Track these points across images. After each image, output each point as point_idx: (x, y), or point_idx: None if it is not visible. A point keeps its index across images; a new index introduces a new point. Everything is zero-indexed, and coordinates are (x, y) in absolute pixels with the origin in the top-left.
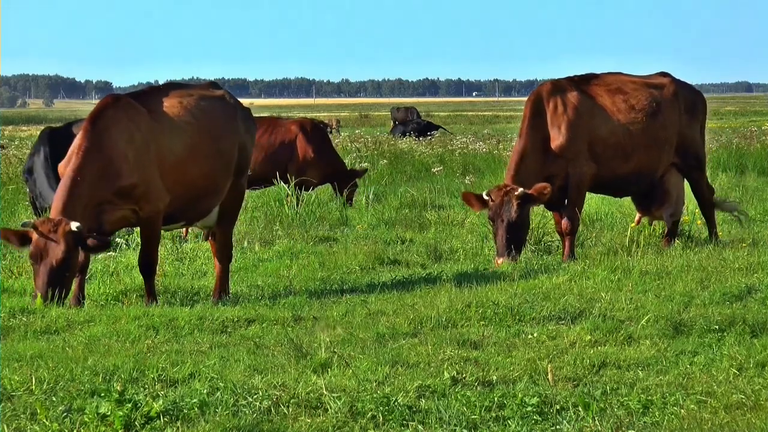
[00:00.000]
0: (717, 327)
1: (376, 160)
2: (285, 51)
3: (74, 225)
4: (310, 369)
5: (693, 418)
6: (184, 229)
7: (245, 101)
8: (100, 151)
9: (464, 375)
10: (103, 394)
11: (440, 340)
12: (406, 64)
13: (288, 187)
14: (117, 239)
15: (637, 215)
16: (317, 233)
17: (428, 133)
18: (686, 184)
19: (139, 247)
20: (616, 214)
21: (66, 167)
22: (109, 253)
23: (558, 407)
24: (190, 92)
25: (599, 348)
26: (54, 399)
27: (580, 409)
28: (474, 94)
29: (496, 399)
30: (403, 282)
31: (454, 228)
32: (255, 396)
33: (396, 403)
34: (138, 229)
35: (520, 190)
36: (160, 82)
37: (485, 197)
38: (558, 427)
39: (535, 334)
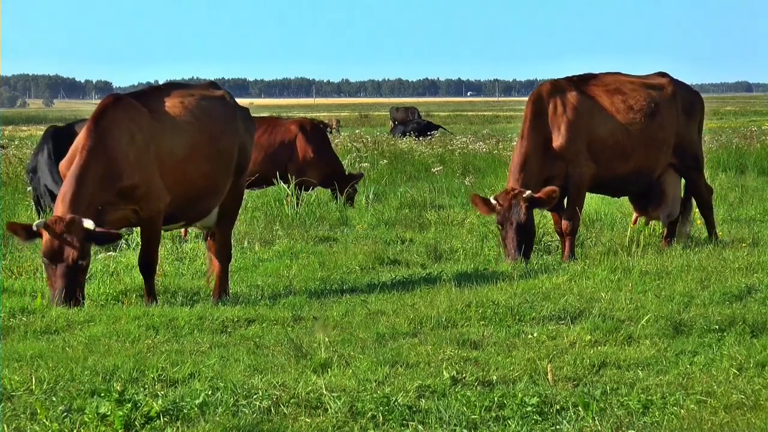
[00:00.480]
0: (717, 327)
1: (376, 160)
2: (285, 51)
3: (88, 223)
4: (310, 369)
5: (693, 418)
6: (183, 229)
7: (245, 101)
8: (104, 151)
9: (464, 375)
10: (103, 394)
11: (440, 340)
12: (406, 64)
13: (288, 187)
14: None
15: (634, 215)
16: (317, 233)
17: (428, 133)
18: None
19: (140, 247)
20: (616, 214)
21: (67, 167)
22: (110, 253)
23: (558, 407)
24: (191, 92)
25: (599, 348)
26: (54, 399)
27: (580, 409)
28: (468, 94)
29: (496, 399)
30: (403, 282)
31: (454, 228)
32: (255, 396)
33: (396, 403)
34: (138, 229)
35: (528, 192)
36: (160, 82)
37: (493, 201)
38: (558, 427)
39: (535, 334)
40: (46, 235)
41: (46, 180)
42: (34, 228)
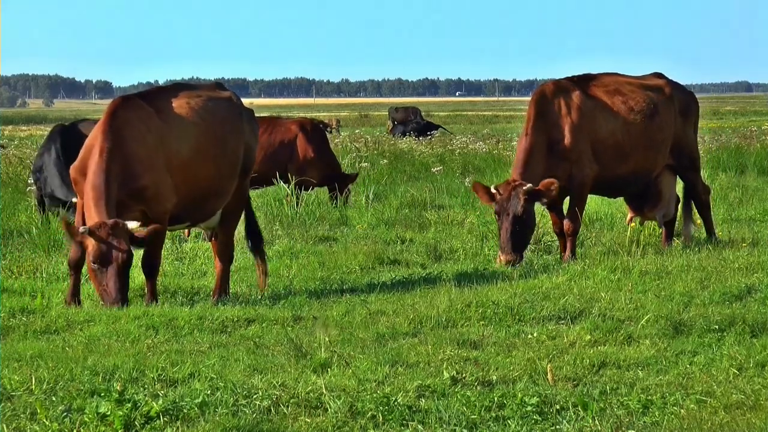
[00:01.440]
0: (717, 327)
1: (376, 160)
2: (285, 51)
3: (132, 224)
4: (310, 369)
5: (693, 418)
6: (186, 229)
7: (245, 101)
8: (120, 152)
9: (464, 375)
10: (103, 394)
11: (440, 340)
12: (406, 64)
13: (288, 187)
14: None
15: (629, 215)
16: (317, 233)
17: (428, 133)
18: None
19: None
20: (616, 214)
21: (79, 171)
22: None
23: (558, 407)
24: (198, 93)
25: (599, 348)
26: (54, 399)
27: (579, 409)
28: (457, 94)
29: (496, 399)
30: (403, 282)
31: (454, 228)
32: (255, 396)
33: (396, 403)
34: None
35: (528, 185)
36: (160, 82)
37: (493, 191)
38: (558, 427)
39: (535, 334)
40: (92, 241)
41: (54, 180)
42: (81, 233)
